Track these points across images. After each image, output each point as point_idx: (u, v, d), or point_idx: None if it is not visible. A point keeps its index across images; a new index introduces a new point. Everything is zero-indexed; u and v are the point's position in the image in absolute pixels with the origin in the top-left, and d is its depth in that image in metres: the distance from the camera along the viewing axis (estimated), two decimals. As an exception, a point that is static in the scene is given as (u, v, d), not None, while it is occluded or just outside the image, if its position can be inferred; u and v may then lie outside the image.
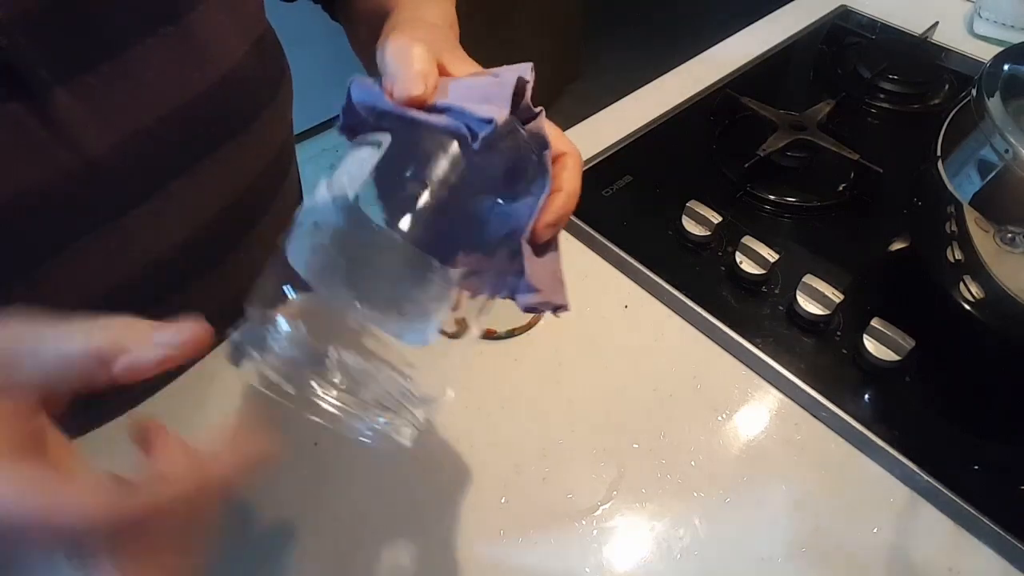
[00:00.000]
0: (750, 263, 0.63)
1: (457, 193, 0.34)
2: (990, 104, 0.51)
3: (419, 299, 0.33)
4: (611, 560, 0.49)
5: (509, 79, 0.34)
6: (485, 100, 0.33)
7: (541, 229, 0.36)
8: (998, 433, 0.55)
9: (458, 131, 0.33)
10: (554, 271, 0.37)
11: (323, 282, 0.32)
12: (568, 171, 0.37)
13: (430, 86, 0.34)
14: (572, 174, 0.37)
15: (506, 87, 0.34)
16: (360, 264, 0.33)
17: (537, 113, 0.36)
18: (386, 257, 0.33)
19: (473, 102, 0.33)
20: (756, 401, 0.58)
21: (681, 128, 0.81)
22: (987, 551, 0.49)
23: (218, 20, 0.47)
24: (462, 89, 0.35)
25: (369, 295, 0.32)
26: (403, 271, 0.33)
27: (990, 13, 0.93)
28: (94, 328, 0.27)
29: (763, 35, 0.95)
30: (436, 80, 0.35)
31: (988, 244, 0.51)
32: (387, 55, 0.36)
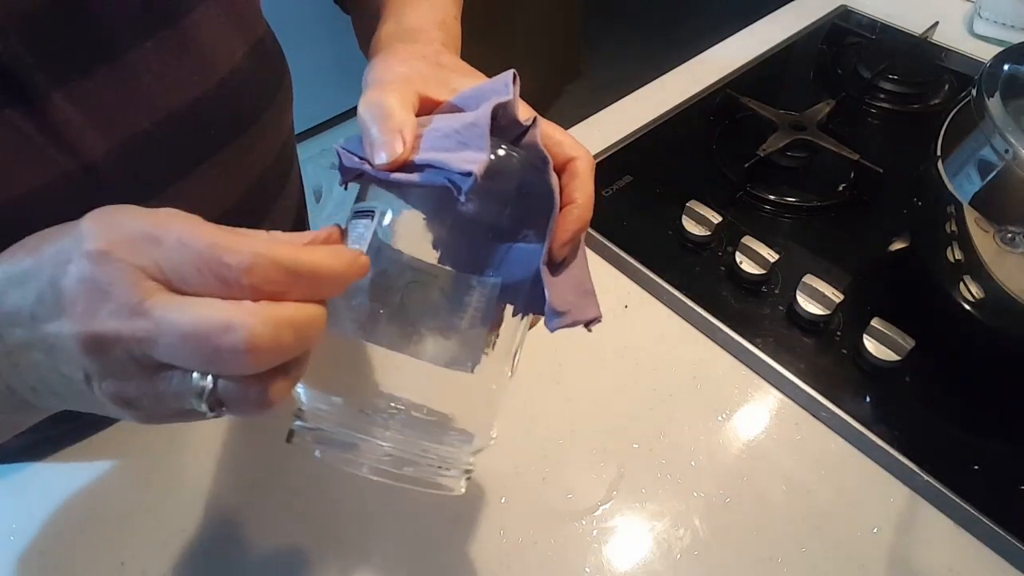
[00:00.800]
0: (750, 263, 0.63)
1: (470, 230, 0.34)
2: (990, 104, 0.51)
3: (460, 323, 0.34)
4: (611, 560, 0.49)
5: (483, 115, 0.33)
6: (463, 146, 0.32)
7: (557, 248, 0.34)
8: (998, 433, 0.55)
9: (443, 185, 0.32)
10: (580, 283, 0.36)
11: (370, 335, 0.33)
12: (579, 179, 0.36)
13: (408, 142, 0.33)
14: (583, 181, 0.36)
15: (481, 125, 0.32)
16: (398, 306, 0.33)
17: (529, 126, 0.35)
18: (422, 289, 0.33)
19: (451, 150, 0.32)
20: (756, 401, 0.58)
21: (681, 128, 0.81)
22: (987, 551, 0.49)
23: (216, 23, 0.47)
24: (439, 136, 0.33)
25: (413, 332, 0.33)
26: (441, 299, 0.34)
27: (990, 13, 0.93)
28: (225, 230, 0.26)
29: (763, 35, 0.95)
30: (413, 131, 0.34)
31: (988, 244, 0.51)
32: (361, 115, 0.35)
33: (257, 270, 0.25)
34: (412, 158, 0.33)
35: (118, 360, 0.25)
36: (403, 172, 0.33)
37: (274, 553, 0.49)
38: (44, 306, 0.26)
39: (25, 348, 0.27)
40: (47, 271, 0.26)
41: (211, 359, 0.24)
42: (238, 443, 0.55)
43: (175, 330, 0.24)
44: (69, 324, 0.25)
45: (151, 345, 0.24)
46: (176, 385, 0.26)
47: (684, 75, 0.89)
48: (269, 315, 0.25)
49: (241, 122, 0.50)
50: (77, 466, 0.54)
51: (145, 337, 0.24)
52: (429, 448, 0.34)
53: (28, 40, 0.38)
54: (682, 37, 1.11)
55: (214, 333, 0.24)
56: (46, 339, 0.26)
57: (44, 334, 0.26)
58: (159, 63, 0.44)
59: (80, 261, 0.25)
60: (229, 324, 0.24)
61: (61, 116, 0.40)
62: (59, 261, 0.26)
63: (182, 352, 0.24)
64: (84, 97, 0.41)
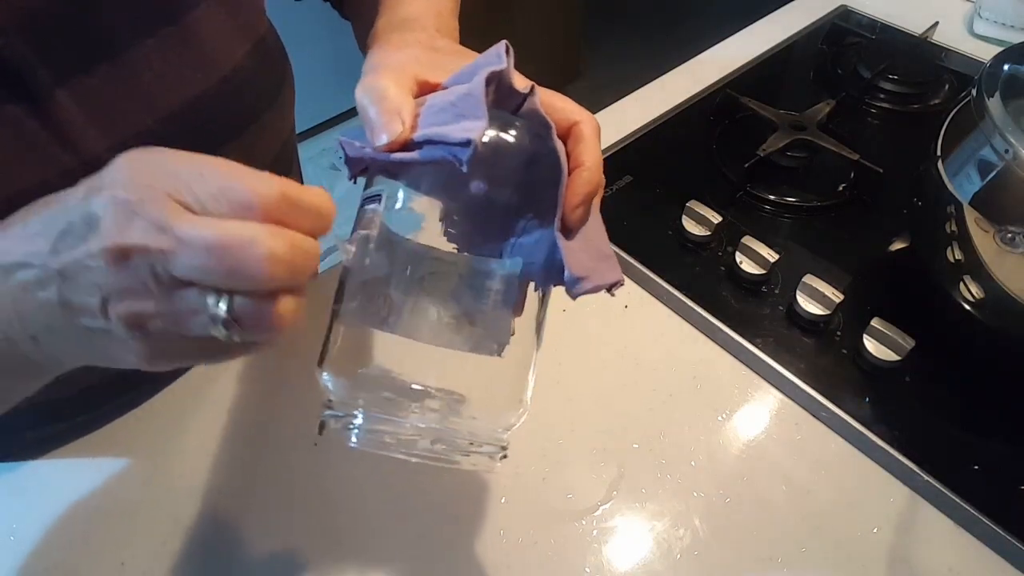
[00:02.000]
0: (750, 263, 0.63)
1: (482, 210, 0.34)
2: (990, 104, 0.51)
3: (484, 308, 0.34)
4: (611, 560, 0.49)
5: (477, 84, 0.33)
6: (461, 116, 0.32)
7: (570, 212, 0.34)
8: (998, 433, 0.55)
9: (444, 160, 0.32)
10: (597, 248, 0.35)
11: (394, 327, 0.33)
12: (584, 142, 0.35)
13: (407, 122, 0.34)
14: (589, 144, 0.35)
15: (475, 94, 0.32)
16: (419, 297, 0.33)
17: (528, 94, 0.35)
18: (442, 278, 0.33)
19: (449, 124, 0.32)
20: (756, 401, 0.58)
21: (681, 128, 0.81)
22: (987, 551, 0.49)
23: (218, 21, 0.47)
24: (436, 111, 0.34)
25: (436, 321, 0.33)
26: (461, 286, 0.34)
27: (990, 13, 0.93)
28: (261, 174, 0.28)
29: (763, 35, 0.95)
30: (411, 111, 0.34)
31: (988, 244, 0.51)
32: (359, 99, 0.35)
33: (268, 198, 0.27)
34: (412, 137, 0.33)
35: (140, 275, 0.26)
36: (402, 151, 0.33)
37: (274, 553, 0.49)
38: (71, 235, 0.27)
39: (35, 286, 0.28)
40: (76, 208, 0.28)
41: (232, 270, 0.26)
42: (238, 443, 0.55)
43: (201, 242, 0.26)
44: (97, 241, 0.26)
45: (175, 258, 0.26)
46: (193, 301, 0.27)
47: (684, 75, 0.89)
48: (283, 235, 0.27)
49: (242, 120, 0.50)
50: (77, 465, 0.54)
51: (171, 249, 0.26)
52: (461, 427, 0.34)
53: (31, 38, 0.38)
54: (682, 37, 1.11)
55: (237, 245, 0.26)
56: (65, 267, 0.27)
57: (65, 261, 0.27)
58: (161, 61, 0.44)
59: (112, 188, 0.27)
60: (252, 238, 0.26)
61: (63, 114, 0.40)
62: (89, 194, 0.27)
63: (205, 264, 0.26)
64: (86, 95, 0.41)
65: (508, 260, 0.34)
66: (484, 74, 0.33)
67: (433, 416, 0.33)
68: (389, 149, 0.33)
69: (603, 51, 2.59)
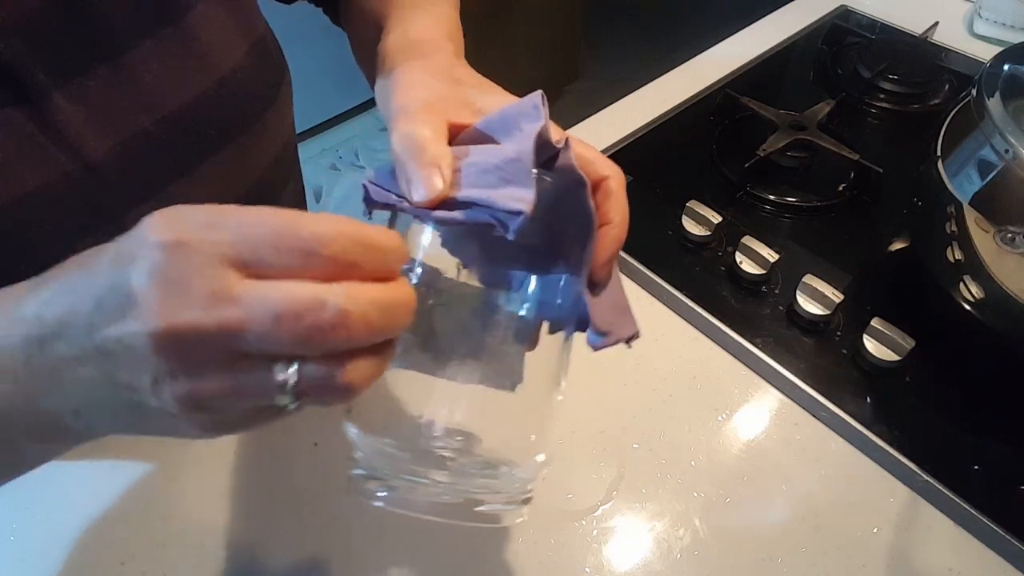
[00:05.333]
0: (750, 263, 0.63)
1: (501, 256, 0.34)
2: (990, 104, 0.51)
3: (496, 341, 0.34)
4: (611, 560, 0.49)
5: (526, 151, 0.32)
6: (507, 182, 0.31)
7: (599, 269, 0.34)
8: (998, 433, 0.55)
9: (488, 223, 0.31)
10: (617, 301, 0.36)
11: (408, 364, 0.32)
12: (613, 198, 0.35)
13: (447, 177, 0.32)
14: (617, 201, 0.35)
15: (525, 161, 0.32)
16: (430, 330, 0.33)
17: (561, 148, 0.34)
18: (455, 311, 0.33)
19: (494, 187, 0.31)
20: (756, 401, 0.58)
21: (681, 128, 0.81)
22: (987, 551, 0.49)
23: (217, 21, 0.47)
24: (480, 172, 0.32)
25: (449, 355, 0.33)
26: (474, 320, 0.33)
27: (990, 13, 0.93)
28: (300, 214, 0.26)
29: (763, 35, 0.95)
30: (450, 165, 0.33)
31: (988, 244, 0.51)
32: (395, 149, 0.34)
33: (332, 239, 0.25)
34: (453, 195, 0.32)
35: (197, 355, 0.24)
36: (443, 209, 0.32)
37: (274, 553, 0.49)
38: (104, 311, 0.25)
39: (74, 363, 0.26)
40: (105, 276, 0.25)
41: (303, 338, 0.24)
42: (239, 445, 0.55)
43: (267, 312, 0.23)
44: (139, 323, 0.24)
45: (238, 332, 0.24)
46: (260, 376, 0.25)
47: (684, 75, 0.89)
48: (355, 292, 0.24)
49: (242, 121, 0.50)
50: (77, 466, 0.54)
51: (233, 323, 0.23)
52: (485, 483, 0.34)
53: (30, 39, 0.38)
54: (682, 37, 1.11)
55: (307, 311, 0.24)
56: (104, 345, 0.25)
57: (103, 340, 0.25)
58: (160, 62, 0.44)
59: (149, 255, 0.24)
60: (323, 300, 0.24)
61: (62, 116, 0.40)
62: (120, 263, 0.25)
63: (274, 334, 0.24)
64: (85, 96, 0.41)
65: (521, 296, 0.34)
66: (532, 139, 0.32)
67: (456, 476, 0.33)
68: (428, 206, 0.32)
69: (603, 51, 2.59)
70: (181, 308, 0.23)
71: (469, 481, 0.33)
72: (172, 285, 0.24)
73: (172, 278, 0.24)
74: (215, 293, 0.24)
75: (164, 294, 0.24)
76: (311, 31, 1.93)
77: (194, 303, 0.23)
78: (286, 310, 0.23)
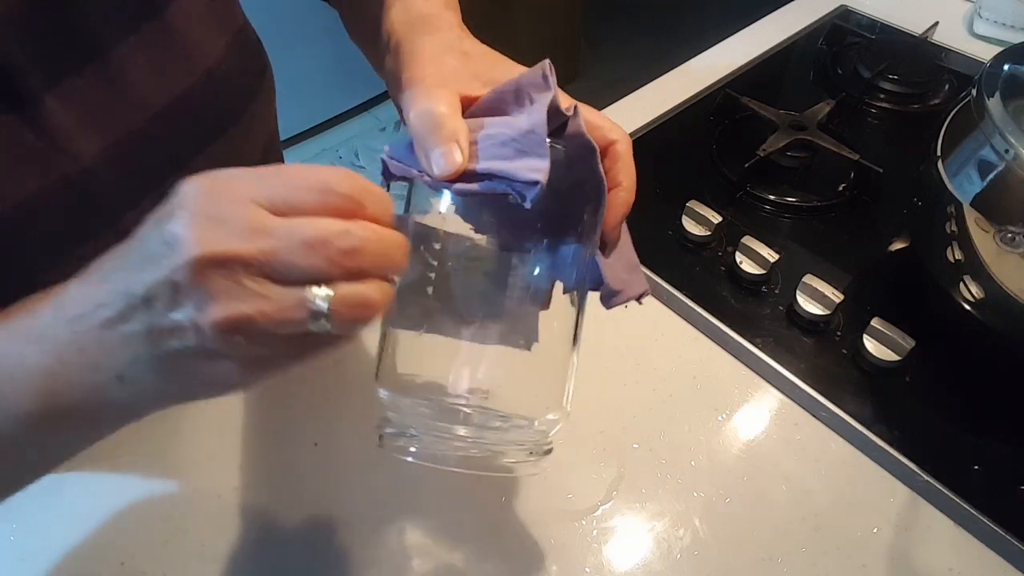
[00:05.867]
0: (750, 263, 0.63)
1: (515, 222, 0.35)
2: (990, 104, 0.51)
3: (512, 303, 0.35)
4: (611, 560, 0.49)
5: (540, 123, 0.33)
6: (522, 153, 0.33)
7: (610, 231, 0.36)
8: (998, 433, 0.55)
9: (504, 194, 0.33)
10: (627, 260, 0.38)
11: (431, 327, 0.34)
12: (621, 161, 0.37)
13: (465, 150, 0.34)
14: (625, 164, 0.37)
15: (539, 132, 0.33)
16: (446, 292, 0.35)
17: (570, 116, 0.35)
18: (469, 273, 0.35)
19: (510, 159, 0.33)
20: (756, 401, 0.58)
21: (681, 128, 0.81)
22: (987, 551, 0.49)
23: (198, 13, 0.47)
24: (496, 144, 0.34)
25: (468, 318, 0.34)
26: (488, 281, 0.35)
27: (990, 13, 0.93)
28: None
29: (763, 35, 0.95)
30: (467, 138, 0.34)
31: (988, 244, 0.51)
32: (413, 124, 0.35)
33: (344, 184, 0.28)
34: (471, 167, 0.33)
35: (236, 279, 0.26)
36: (462, 181, 0.33)
37: (274, 553, 0.49)
38: (151, 261, 0.27)
39: (117, 321, 0.28)
40: (150, 237, 0.28)
41: (332, 261, 0.27)
42: (239, 443, 0.55)
43: (298, 239, 0.27)
44: (182, 255, 0.26)
45: (275, 259, 0.26)
46: (294, 296, 0.27)
47: (684, 75, 0.89)
48: (371, 225, 0.28)
49: (231, 113, 0.50)
50: (77, 466, 0.54)
51: (270, 250, 0.26)
52: (507, 436, 0.35)
53: (18, 40, 0.38)
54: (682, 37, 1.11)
55: (334, 237, 0.27)
56: (149, 291, 0.27)
57: (147, 285, 0.27)
58: (145, 59, 0.43)
59: (188, 202, 0.27)
60: (346, 229, 0.27)
61: (55, 119, 0.40)
62: (162, 220, 0.27)
63: (306, 259, 0.27)
64: (75, 98, 0.40)
65: (534, 257, 0.35)
66: (544, 110, 0.34)
67: (481, 429, 0.34)
68: (448, 179, 0.33)
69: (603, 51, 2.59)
70: (221, 239, 0.26)
71: (492, 435, 0.35)
72: (212, 222, 0.26)
73: (211, 215, 0.27)
74: (251, 226, 0.26)
75: (205, 230, 0.26)
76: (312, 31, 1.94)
77: (233, 234, 0.26)
78: (314, 237, 0.27)
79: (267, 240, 0.26)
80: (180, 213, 0.27)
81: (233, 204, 0.27)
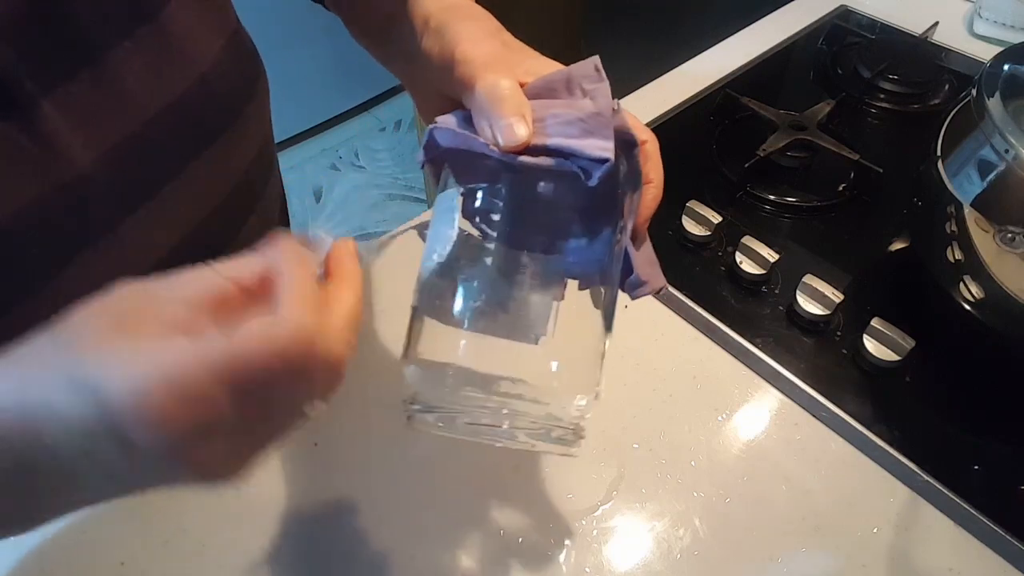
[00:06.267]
0: (750, 263, 0.63)
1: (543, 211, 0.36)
2: (990, 104, 0.51)
3: (522, 297, 0.35)
4: (611, 560, 0.49)
5: (607, 106, 0.35)
6: (588, 133, 0.34)
7: (641, 225, 0.38)
8: (998, 433, 0.55)
9: (570, 171, 0.34)
10: (649, 256, 0.40)
11: (443, 320, 0.35)
12: (652, 160, 0.38)
13: (529, 125, 0.35)
14: (655, 162, 0.38)
15: (606, 115, 0.34)
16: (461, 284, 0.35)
17: (617, 111, 0.36)
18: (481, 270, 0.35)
19: (577, 137, 0.34)
20: (756, 401, 0.58)
21: (681, 128, 0.81)
22: (987, 551, 0.49)
23: (192, 17, 0.46)
24: (562, 123, 0.35)
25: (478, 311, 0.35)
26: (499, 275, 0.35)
27: (990, 13, 0.93)
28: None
29: (763, 35, 0.95)
30: (531, 113, 0.35)
31: (988, 244, 0.51)
32: (480, 96, 0.36)
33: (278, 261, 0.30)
34: (542, 142, 0.34)
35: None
36: (528, 155, 0.34)
37: (274, 552, 0.49)
38: (96, 456, 0.28)
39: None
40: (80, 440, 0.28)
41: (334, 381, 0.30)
42: (238, 443, 0.55)
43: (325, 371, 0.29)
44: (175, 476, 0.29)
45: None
46: (293, 416, 0.29)
47: (684, 75, 0.89)
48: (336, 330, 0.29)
49: (225, 117, 0.50)
50: (77, 466, 0.54)
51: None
52: (539, 412, 0.35)
53: (15, 46, 0.37)
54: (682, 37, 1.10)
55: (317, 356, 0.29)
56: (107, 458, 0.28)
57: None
58: (141, 63, 0.43)
59: (135, 417, 0.27)
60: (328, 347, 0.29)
61: (51, 125, 0.39)
62: (103, 422, 0.27)
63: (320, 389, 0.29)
64: (70, 104, 0.40)
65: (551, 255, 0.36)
66: (608, 96, 0.35)
67: (512, 403, 0.35)
68: (515, 151, 0.34)
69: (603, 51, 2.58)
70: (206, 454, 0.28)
71: (522, 407, 0.35)
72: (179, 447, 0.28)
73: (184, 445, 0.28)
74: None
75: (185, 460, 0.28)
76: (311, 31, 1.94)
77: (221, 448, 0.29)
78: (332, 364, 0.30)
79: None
80: (141, 432, 0.27)
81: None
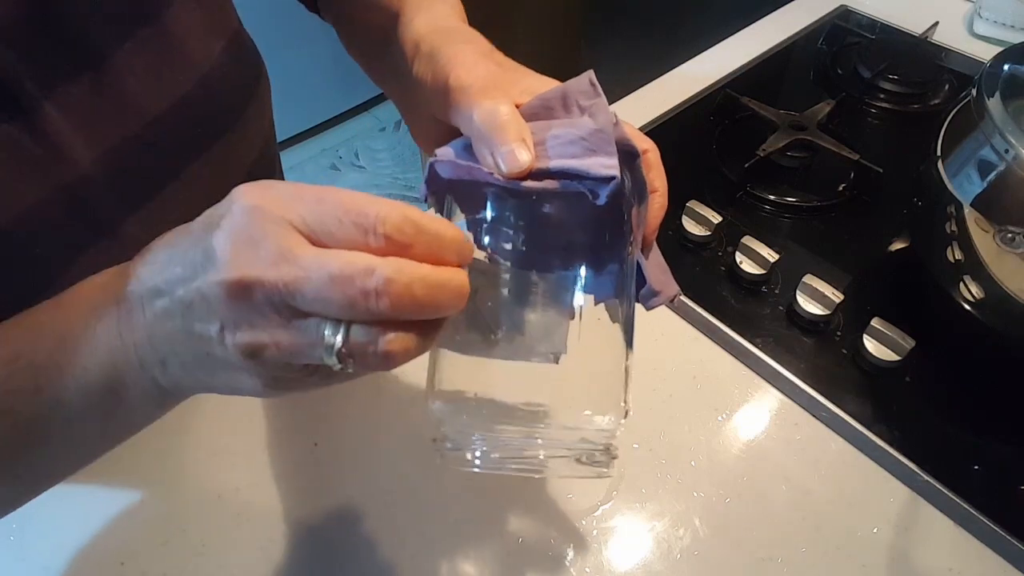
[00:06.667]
0: (750, 263, 0.63)
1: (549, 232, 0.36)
2: (990, 104, 0.51)
3: (535, 317, 0.35)
4: (611, 560, 0.49)
5: (608, 122, 0.34)
6: (591, 152, 0.33)
7: (650, 235, 0.38)
8: (998, 433, 0.55)
9: (577, 192, 0.33)
10: (660, 264, 0.40)
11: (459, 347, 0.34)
12: (655, 169, 0.38)
13: (531, 149, 0.34)
14: (659, 171, 0.38)
15: (608, 131, 0.34)
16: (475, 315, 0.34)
17: (615, 123, 0.36)
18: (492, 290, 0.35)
19: (580, 157, 0.33)
20: (756, 401, 0.58)
21: (681, 128, 0.81)
22: (987, 551, 0.49)
23: (193, 18, 0.46)
24: (564, 143, 0.34)
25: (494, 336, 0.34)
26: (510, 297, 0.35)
27: (990, 13, 0.93)
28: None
29: (763, 35, 0.95)
30: (531, 137, 0.34)
31: (988, 244, 0.51)
32: (479, 124, 0.35)
33: (391, 220, 0.27)
34: (545, 165, 0.34)
35: (258, 306, 0.27)
36: (532, 180, 0.34)
37: (274, 552, 0.49)
38: (193, 267, 0.28)
39: (164, 316, 0.29)
40: (197, 241, 0.28)
41: (352, 300, 0.26)
42: (239, 443, 0.55)
43: (323, 273, 0.26)
44: (216, 273, 0.27)
45: (295, 289, 0.26)
46: (311, 332, 0.27)
47: (684, 75, 0.89)
48: (404, 265, 0.27)
49: (226, 118, 0.50)
50: (77, 466, 0.54)
51: (292, 281, 0.26)
52: (568, 436, 0.35)
53: (17, 48, 0.37)
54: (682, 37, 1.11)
55: (358, 275, 0.26)
56: (187, 297, 0.28)
57: (187, 292, 0.28)
58: (142, 65, 0.43)
59: (232, 216, 0.27)
60: (371, 267, 0.26)
61: (54, 127, 0.39)
62: (208, 228, 0.28)
63: (326, 294, 0.26)
64: (72, 105, 0.40)
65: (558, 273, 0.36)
66: (607, 111, 0.35)
67: (543, 431, 0.34)
68: (518, 177, 0.33)
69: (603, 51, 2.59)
70: (251, 262, 0.26)
71: (554, 434, 0.35)
72: (247, 242, 0.27)
73: (248, 236, 0.27)
74: (282, 252, 0.26)
75: (238, 250, 0.27)
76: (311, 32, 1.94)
77: (262, 259, 0.26)
78: (338, 273, 0.26)
79: (292, 269, 0.26)
80: (223, 226, 0.27)
81: (272, 225, 0.27)
